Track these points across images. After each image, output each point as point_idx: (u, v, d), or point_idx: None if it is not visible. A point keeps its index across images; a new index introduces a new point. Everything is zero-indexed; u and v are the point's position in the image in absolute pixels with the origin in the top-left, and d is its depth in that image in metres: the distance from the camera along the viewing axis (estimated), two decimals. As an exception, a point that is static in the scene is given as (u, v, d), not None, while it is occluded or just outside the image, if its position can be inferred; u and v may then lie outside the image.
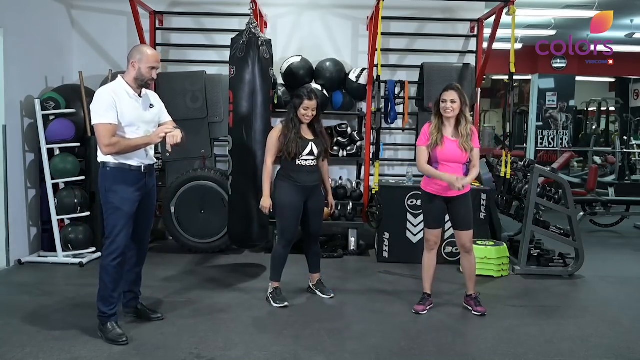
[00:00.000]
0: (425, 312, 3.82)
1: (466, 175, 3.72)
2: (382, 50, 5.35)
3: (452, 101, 3.65)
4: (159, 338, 3.29)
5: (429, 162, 3.75)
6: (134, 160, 3.29)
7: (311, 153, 3.83)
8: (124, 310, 3.55)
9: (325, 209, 4.20)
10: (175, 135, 3.32)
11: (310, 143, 3.83)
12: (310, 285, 4.17)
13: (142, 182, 3.35)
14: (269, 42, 4.63)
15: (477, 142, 3.76)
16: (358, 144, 5.83)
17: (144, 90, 3.37)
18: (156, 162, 3.58)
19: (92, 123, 3.21)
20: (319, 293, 4.05)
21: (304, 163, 3.83)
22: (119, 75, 3.36)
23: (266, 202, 3.88)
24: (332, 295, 3.99)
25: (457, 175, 3.61)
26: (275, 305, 3.89)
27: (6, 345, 3.13)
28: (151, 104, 3.44)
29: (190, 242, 5.37)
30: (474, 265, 3.90)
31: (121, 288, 3.37)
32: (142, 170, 3.35)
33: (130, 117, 3.24)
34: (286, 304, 3.89)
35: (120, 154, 3.21)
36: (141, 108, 3.34)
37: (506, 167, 5.30)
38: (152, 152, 3.44)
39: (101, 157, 3.26)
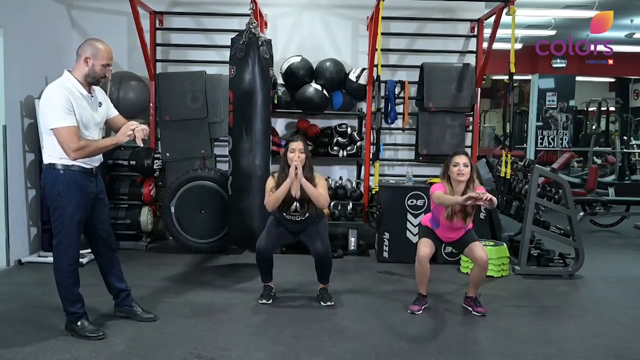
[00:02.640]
0: (421, 311, 3.82)
1: (467, 231, 3.82)
2: (382, 50, 5.35)
3: (465, 165, 3.68)
4: (159, 338, 3.29)
5: (431, 217, 3.85)
6: (86, 162, 3.17)
7: (295, 210, 3.84)
8: (117, 309, 3.56)
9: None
10: (144, 129, 3.23)
11: (295, 203, 3.81)
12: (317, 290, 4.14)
13: (94, 184, 3.27)
14: (269, 42, 4.63)
15: (482, 188, 3.77)
16: (358, 144, 5.83)
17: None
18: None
19: (51, 127, 3.02)
20: (319, 300, 4.02)
21: (289, 217, 3.88)
22: (65, 71, 3.17)
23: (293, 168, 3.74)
24: (330, 303, 3.93)
25: (469, 195, 3.58)
26: (258, 300, 3.95)
27: (6, 345, 3.13)
28: (100, 102, 3.30)
29: (190, 242, 5.37)
30: (483, 277, 3.89)
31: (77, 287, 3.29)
32: (94, 172, 3.26)
33: (85, 119, 3.12)
34: (265, 301, 3.92)
35: (88, 157, 3.10)
36: (92, 108, 3.21)
37: (506, 167, 5.30)
38: (100, 155, 3.32)
39: (50, 159, 3.12)
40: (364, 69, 5.80)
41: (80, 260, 4.81)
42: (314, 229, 3.92)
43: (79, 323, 3.25)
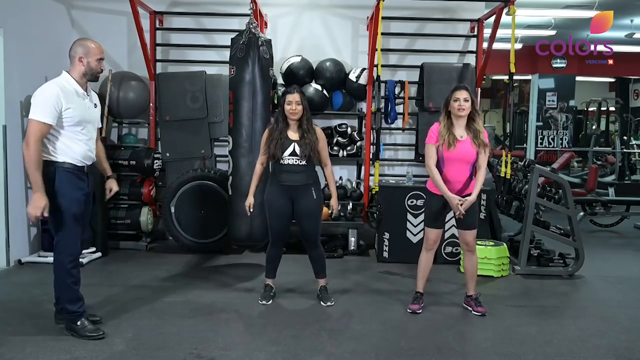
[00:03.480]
0: (421, 311, 3.82)
1: (471, 178, 3.74)
2: (382, 50, 5.35)
3: (465, 100, 3.66)
4: (159, 338, 3.29)
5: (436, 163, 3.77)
6: (78, 160, 3.21)
7: (294, 153, 3.77)
8: (56, 317, 3.42)
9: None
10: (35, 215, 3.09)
11: (293, 143, 3.77)
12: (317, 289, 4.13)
13: (86, 183, 3.30)
14: (269, 42, 4.63)
15: (487, 140, 3.76)
16: (358, 144, 5.83)
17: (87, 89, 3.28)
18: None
19: (30, 116, 3.06)
20: (319, 300, 4.02)
21: (286, 162, 3.78)
22: (63, 72, 3.24)
23: (248, 200, 3.91)
24: (330, 303, 3.93)
25: (459, 199, 3.64)
26: (258, 301, 3.93)
27: (6, 345, 3.13)
28: (95, 104, 3.37)
29: (190, 242, 5.38)
30: (475, 266, 3.90)
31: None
32: (85, 171, 3.28)
33: (79, 116, 3.17)
34: (264, 302, 3.91)
35: (24, 159, 3.07)
36: (89, 107, 3.28)
37: (506, 167, 5.30)
38: (93, 153, 3.35)
39: (43, 157, 3.11)
40: (364, 69, 5.80)
41: (80, 260, 4.84)
42: (308, 204, 3.83)
43: (78, 322, 3.25)
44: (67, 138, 3.17)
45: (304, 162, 3.79)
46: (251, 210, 3.93)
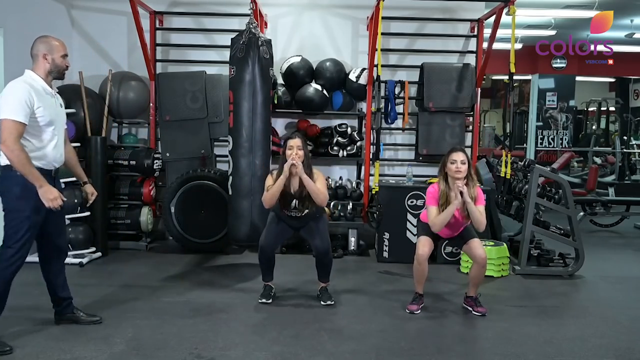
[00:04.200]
0: (419, 311, 3.82)
1: (465, 227, 3.82)
2: (382, 50, 5.35)
3: (462, 162, 3.69)
4: (158, 338, 3.29)
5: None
6: (47, 163, 3.08)
7: (295, 207, 3.84)
8: (58, 318, 3.43)
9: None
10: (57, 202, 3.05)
11: (294, 200, 3.82)
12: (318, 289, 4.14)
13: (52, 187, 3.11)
14: (269, 42, 4.63)
15: (482, 200, 3.77)
16: (358, 144, 5.83)
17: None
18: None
19: (2, 116, 2.90)
20: (319, 299, 4.02)
21: (289, 214, 3.88)
22: (27, 71, 3.11)
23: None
24: (329, 302, 3.93)
25: (457, 185, 3.64)
26: (258, 300, 3.95)
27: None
28: (61, 103, 3.26)
29: (190, 242, 5.38)
30: (482, 276, 3.88)
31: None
32: (52, 175, 3.14)
33: (50, 116, 3.05)
34: (264, 301, 3.92)
35: (11, 162, 2.93)
36: (57, 106, 3.17)
37: (506, 167, 5.30)
38: (62, 156, 3.23)
39: (7, 160, 2.97)
40: (364, 69, 5.80)
41: (80, 260, 4.85)
42: (315, 225, 3.93)
43: None
44: (36, 139, 3.03)
45: (305, 212, 3.86)
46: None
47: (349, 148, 5.81)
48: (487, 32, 5.98)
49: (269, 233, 3.93)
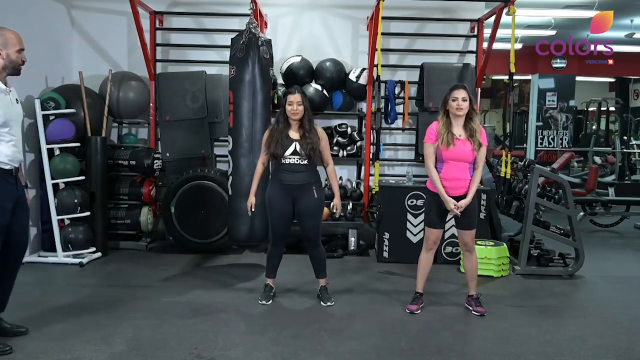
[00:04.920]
0: (419, 311, 3.82)
1: (470, 176, 3.73)
2: (382, 50, 5.35)
3: (464, 99, 3.67)
4: (158, 338, 3.29)
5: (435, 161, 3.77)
6: (7, 161, 2.95)
7: (295, 152, 3.78)
8: None
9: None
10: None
11: (294, 143, 3.78)
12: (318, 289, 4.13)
13: (14, 187, 3.04)
14: (269, 42, 4.63)
15: (485, 139, 3.75)
16: (358, 144, 5.83)
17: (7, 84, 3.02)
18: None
19: None
20: (319, 300, 4.02)
21: (288, 161, 3.80)
22: None
23: (249, 200, 3.91)
24: (330, 303, 3.93)
25: (454, 203, 3.65)
26: (258, 300, 3.94)
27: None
28: (17, 99, 3.11)
29: (190, 242, 5.38)
30: (475, 265, 3.90)
31: None
32: (13, 174, 3.03)
33: (5, 116, 2.91)
34: (264, 302, 3.91)
35: None
36: (13, 104, 3.01)
37: (506, 167, 5.30)
38: (21, 154, 3.12)
39: None
40: (364, 69, 5.80)
41: (80, 260, 4.85)
42: (309, 204, 3.84)
43: None
44: None
45: (305, 162, 3.80)
46: (252, 210, 3.92)
47: (349, 148, 5.81)
48: (487, 32, 5.98)
49: (279, 220, 3.87)
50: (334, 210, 4.00)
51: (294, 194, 3.84)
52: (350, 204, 5.55)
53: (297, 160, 3.79)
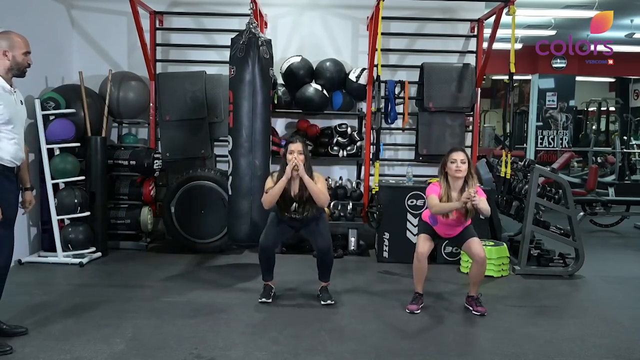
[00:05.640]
0: (419, 311, 3.82)
1: (465, 227, 3.83)
2: (382, 50, 5.35)
3: (462, 161, 3.70)
4: (158, 338, 3.29)
5: (429, 215, 3.84)
6: (9, 159, 3.01)
7: (295, 210, 3.85)
8: None
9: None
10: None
11: (294, 203, 3.83)
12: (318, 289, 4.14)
13: (15, 185, 3.09)
14: (269, 42, 4.63)
15: (483, 193, 3.76)
16: (358, 144, 5.83)
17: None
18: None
19: None
20: (319, 299, 4.02)
21: (288, 216, 3.89)
22: None
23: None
24: (329, 302, 3.94)
25: (466, 196, 3.62)
26: (258, 300, 3.95)
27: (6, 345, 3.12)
28: (21, 100, 3.18)
29: (190, 242, 5.38)
30: (483, 274, 3.89)
31: None
32: (15, 172, 3.10)
33: (9, 114, 2.97)
34: (264, 300, 3.93)
35: None
36: (17, 104, 3.08)
37: (506, 167, 5.30)
38: (23, 153, 3.14)
39: None
40: (364, 69, 5.80)
41: (80, 260, 4.85)
42: (315, 226, 3.94)
43: None
44: None
45: (305, 215, 3.87)
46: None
47: (349, 148, 5.81)
48: (487, 32, 5.97)
49: (269, 232, 3.94)
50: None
51: (297, 227, 3.99)
52: (350, 204, 5.55)
53: (297, 216, 3.88)
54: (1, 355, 3.00)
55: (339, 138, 5.79)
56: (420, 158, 5.97)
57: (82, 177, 5.10)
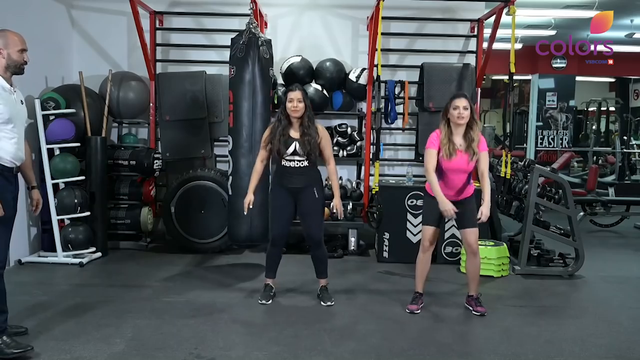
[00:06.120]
0: (419, 311, 3.82)
1: (468, 183, 3.76)
2: (382, 50, 5.35)
3: (465, 108, 3.67)
4: (158, 338, 3.29)
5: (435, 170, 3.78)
6: (9, 158, 2.99)
7: (295, 153, 3.78)
8: None
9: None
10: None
11: (294, 142, 3.78)
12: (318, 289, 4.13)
13: (14, 186, 3.07)
14: (269, 42, 4.63)
15: (485, 146, 3.75)
16: (358, 144, 5.83)
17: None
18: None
19: None
20: (319, 299, 4.02)
21: (289, 164, 3.81)
22: None
23: (247, 197, 3.87)
24: (330, 303, 3.93)
25: (453, 208, 3.61)
26: (258, 300, 3.94)
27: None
28: (21, 100, 3.17)
29: (190, 242, 5.37)
30: (478, 268, 3.88)
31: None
32: (14, 172, 3.08)
33: (9, 113, 2.95)
34: (264, 302, 3.91)
35: None
36: (17, 103, 3.07)
37: (506, 167, 5.30)
38: (23, 152, 3.13)
39: None
40: (364, 69, 5.80)
41: (80, 260, 4.85)
42: (309, 205, 3.86)
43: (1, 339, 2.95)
44: None
45: (305, 164, 3.81)
46: (250, 207, 3.89)
47: (349, 148, 5.81)
48: (487, 32, 5.97)
49: (279, 220, 3.90)
50: (334, 211, 3.95)
51: (295, 196, 3.86)
52: (350, 204, 5.55)
53: (297, 164, 3.80)
54: (17, 335, 3.08)
55: (339, 138, 5.79)
56: (420, 158, 5.96)
57: (82, 177, 5.10)
